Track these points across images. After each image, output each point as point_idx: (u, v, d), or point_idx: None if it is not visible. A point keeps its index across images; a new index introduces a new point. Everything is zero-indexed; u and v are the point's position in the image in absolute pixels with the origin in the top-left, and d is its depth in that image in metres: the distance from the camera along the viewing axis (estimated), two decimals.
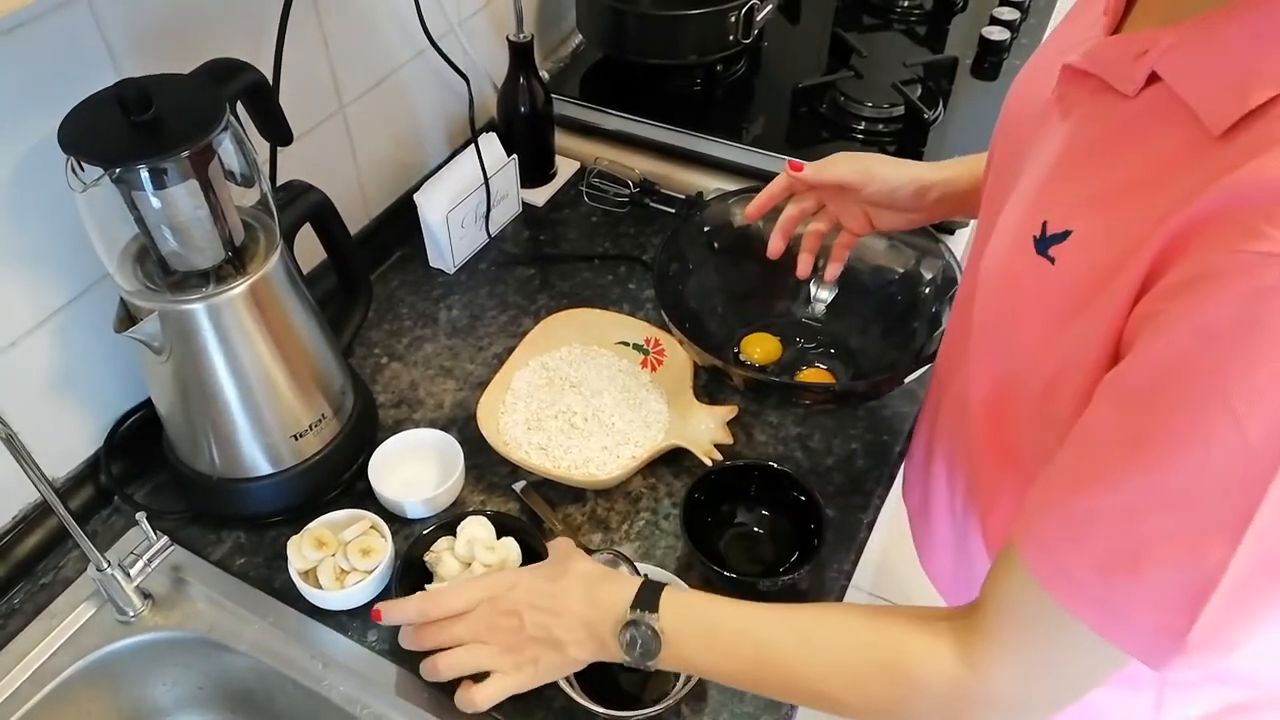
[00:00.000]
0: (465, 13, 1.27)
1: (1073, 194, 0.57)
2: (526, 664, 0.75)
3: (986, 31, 1.47)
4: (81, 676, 0.86)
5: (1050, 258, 0.57)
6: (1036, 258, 0.58)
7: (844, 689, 0.65)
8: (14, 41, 0.76)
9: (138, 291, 0.82)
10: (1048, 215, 0.57)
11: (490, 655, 0.75)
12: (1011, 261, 0.61)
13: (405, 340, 1.15)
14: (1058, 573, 0.54)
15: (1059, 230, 0.56)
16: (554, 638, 0.73)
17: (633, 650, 0.71)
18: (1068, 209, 0.57)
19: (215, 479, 0.92)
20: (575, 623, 0.73)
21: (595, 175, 1.33)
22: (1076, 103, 0.59)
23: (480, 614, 0.76)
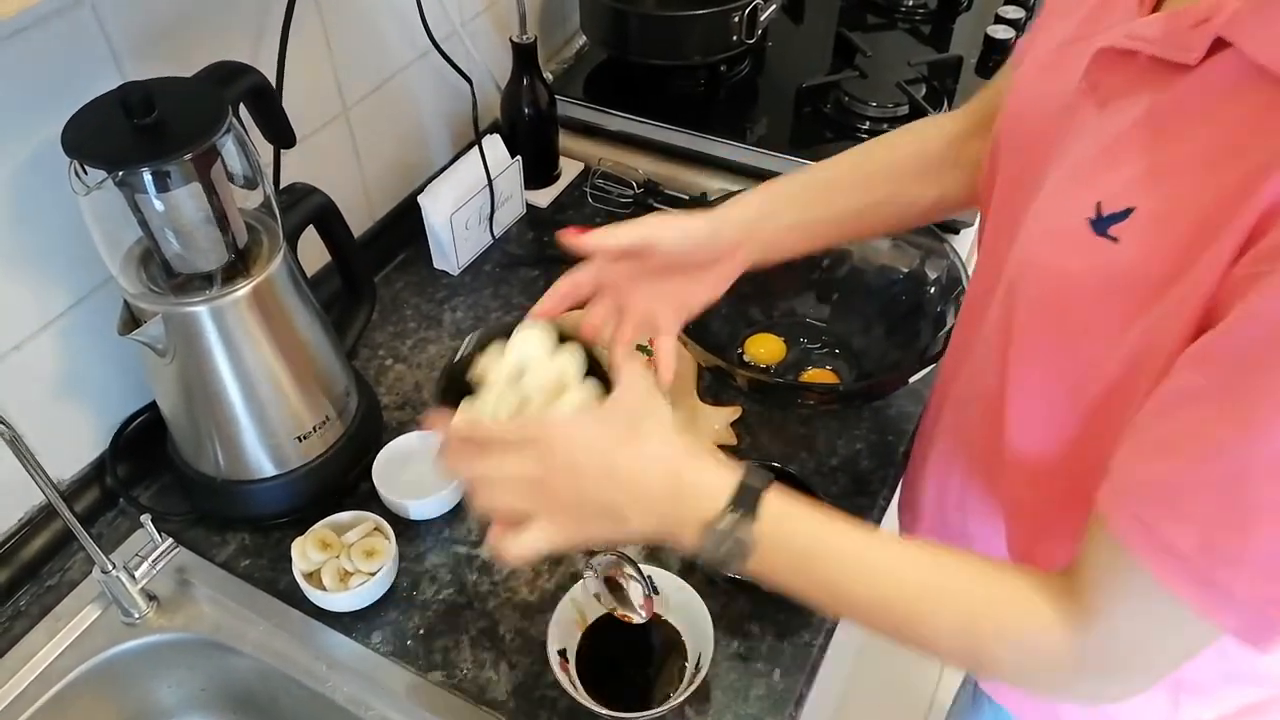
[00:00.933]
0: (468, 14, 1.27)
1: (1129, 172, 0.55)
2: (573, 525, 0.65)
3: (991, 30, 1.47)
4: (87, 678, 0.86)
5: (1112, 237, 0.55)
6: (1095, 239, 0.55)
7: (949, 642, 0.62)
8: (18, 45, 0.76)
9: (141, 294, 0.82)
10: (1101, 196, 0.55)
11: (537, 505, 0.64)
12: (1061, 250, 0.58)
13: (409, 342, 1.15)
14: (1157, 546, 0.52)
15: (1118, 209, 0.54)
16: (618, 512, 0.64)
17: (714, 553, 0.63)
18: (1125, 188, 0.55)
19: (220, 481, 0.92)
20: (648, 503, 0.64)
21: (599, 176, 1.33)
22: (1118, 86, 0.57)
23: (532, 455, 0.64)
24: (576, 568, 0.91)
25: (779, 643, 0.87)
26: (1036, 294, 0.62)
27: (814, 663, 0.86)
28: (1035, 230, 0.62)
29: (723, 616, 0.88)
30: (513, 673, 0.85)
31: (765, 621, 0.88)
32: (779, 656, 0.86)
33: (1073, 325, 0.59)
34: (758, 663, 0.85)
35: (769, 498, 0.63)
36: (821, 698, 1.06)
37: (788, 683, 0.84)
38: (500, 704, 0.83)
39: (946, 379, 0.85)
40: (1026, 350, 0.64)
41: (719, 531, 0.62)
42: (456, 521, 0.96)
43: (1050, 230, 0.60)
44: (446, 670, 0.85)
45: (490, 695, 0.83)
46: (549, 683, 0.83)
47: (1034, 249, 0.62)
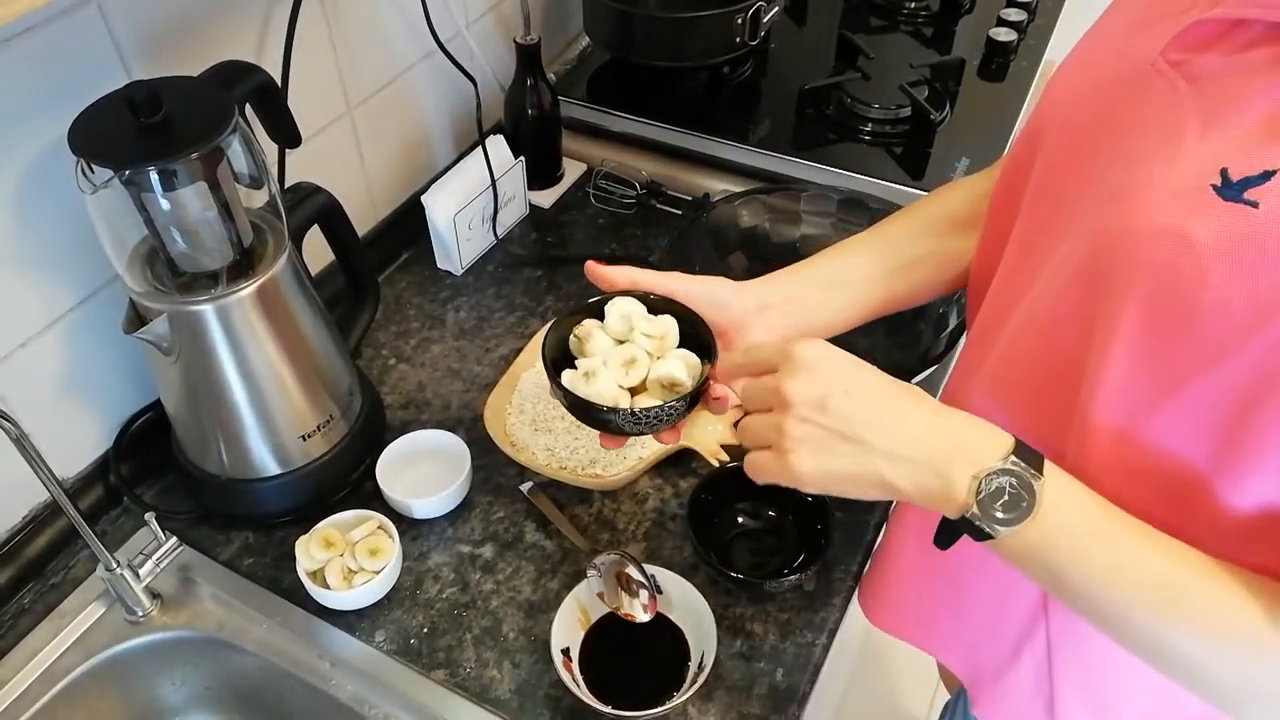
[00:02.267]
0: (473, 15, 1.27)
1: (1257, 137, 0.51)
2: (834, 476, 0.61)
3: (994, 33, 1.47)
4: (91, 676, 0.86)
5: (1250, 201, 0.50)
6: (1226, 205, 0.51)
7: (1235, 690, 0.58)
8: (25, 44, 0.76)
9: (147, 293, 0.82)
10: (1225, 163, 0.51)
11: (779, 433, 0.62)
12: (1180, 217, 0.52)
13: (413, 341, 1.15)
14: None
15: (1253, 173, 0.50)
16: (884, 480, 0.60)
17: (990, 504, 0.57)
18: (1258, 153, 0.51)
19: (224, 479, 0.93)
20: (905, 441, 0.59)
21: (602, 177, 1.33)
22: (1209, 64, 0.55)
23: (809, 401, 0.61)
24: (580, 567, 0.92)
25: (781, 642, 0.87)
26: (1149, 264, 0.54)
27: (816, 662, 0.86)
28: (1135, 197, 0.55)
29: (725, 616, 0.88)
30: (516, 671, 0.85)
31: (768, 621, 0.88)
32: (781, 655, 0.86)
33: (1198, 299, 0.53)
34: (760, 662, 0.86)
35: (1050, 464, 0.58)
36: (824, 697, 1.06)
37: (790, 682, 0.84)
38: (503, 703, 0.83)
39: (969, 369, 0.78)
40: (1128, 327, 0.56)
41: (1005, 474, 0.57)
42: (460, 520, 0.97)
43: (1160, 198, 0.54)
44: (450, 669, 0.85)
45: (493, 694, 0.84)
46: (552, 681, 0.84)
47: (1141, 219, 0.55)
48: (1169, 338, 0.55)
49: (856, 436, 0.60)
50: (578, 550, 0.93)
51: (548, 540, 0.95)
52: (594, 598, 0.86)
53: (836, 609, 0.90)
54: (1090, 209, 0.60)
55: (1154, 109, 0.57)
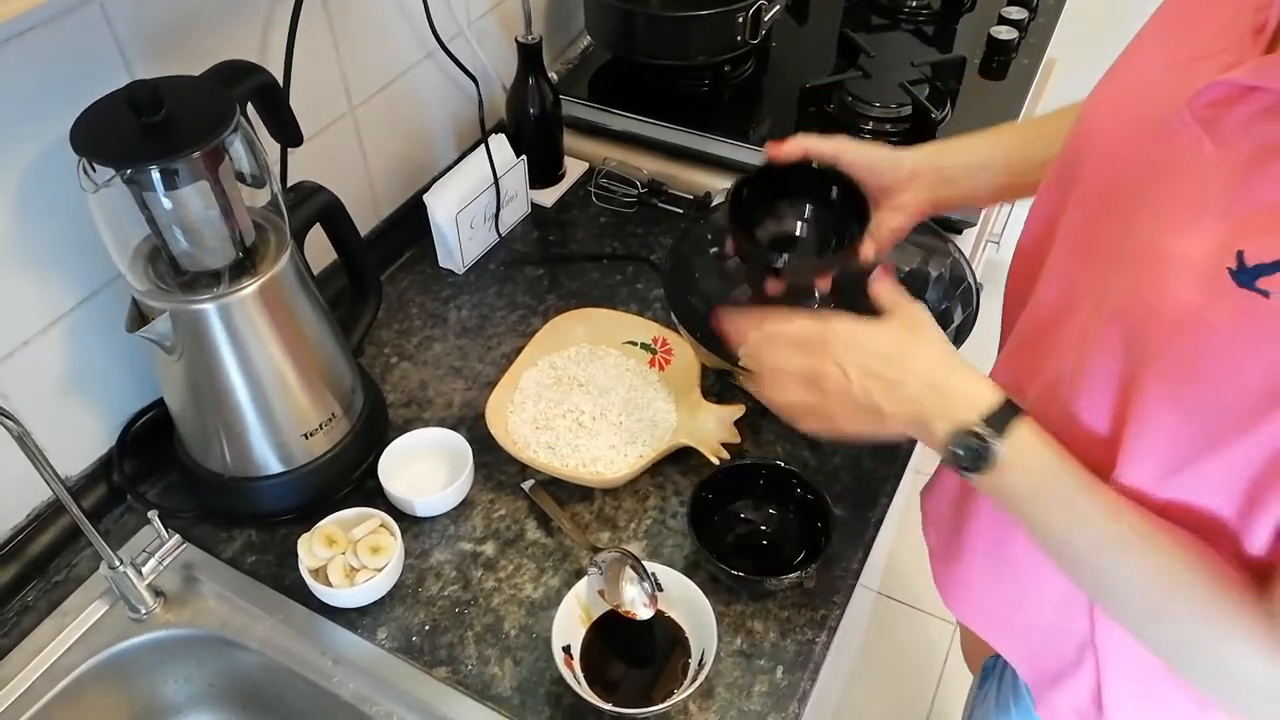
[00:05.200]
0: (474, 14, 1.27)
1: (1271, 218, 0.52)
2: (842, 419, 0.73)
3: (995, 31, 1.47)
4: (94, 673, 0.87)
5: (1262, 290, 0.51)
6: (1239, 292, 0.52)
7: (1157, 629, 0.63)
8: (27, 43, 0.76)
9: (149, 291, 0.82)
10: (1243, 245, 0.52)
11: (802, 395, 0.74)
12: (1196, 296, 0.54)
13: (415, 340, 1.15)
14: None
15: (1266, 260, 0.51)
16: (878, 408, 0.71)
17: (957, 460, 0.67)
18: (1269, 235, 0.51)
19: (226, 477, 0.93)
20: (908, 397, 0.70)
21: (604, 176, 1.34)
22: (1234, 124, 0.54)
23: (814, 353, 0.74)
24: (581, 564, 0.92)
25: (782, 640, 0.87)
26: (1170, 339, 0.57)
27: (817, 660, 0.86)
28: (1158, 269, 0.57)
29: (726, 613, 0.88)
30: (517, 669, 0.85)
31: (768, 619, 0.88)
32: (782, 653, 0.86)
33: (1217, 377, 0.55)
34: (761, 659, 0.86)
35: (1024, 420, 0.66)
36: (824, 695, 1.06)
37: (791, 679, 0.84)
38: (505, 700, 0.83)
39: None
40: (1153, 404, 0.60)
41: (971, 435, 0.66)
42: (462, 518, 0.97)
43: (1184, 276, 0.56)
44: (451, 666, 0.86)
45: (495, 691, 0.84)
46: (553, 679, 0.84)
47: (1168, 295, 0.57)
48: (1188, 414, 0.58)
49: (876, 408, 0.71)
50: (579, 548, 0.93)
51: (549, 538, 0.95)
52: (595, 595, 0.86)
53: (837, 606, 0.90)
54: (1117, 269, 0.62)
55: (1181, 166, 0.57)
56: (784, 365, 0.75)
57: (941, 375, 0.70)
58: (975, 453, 0.66)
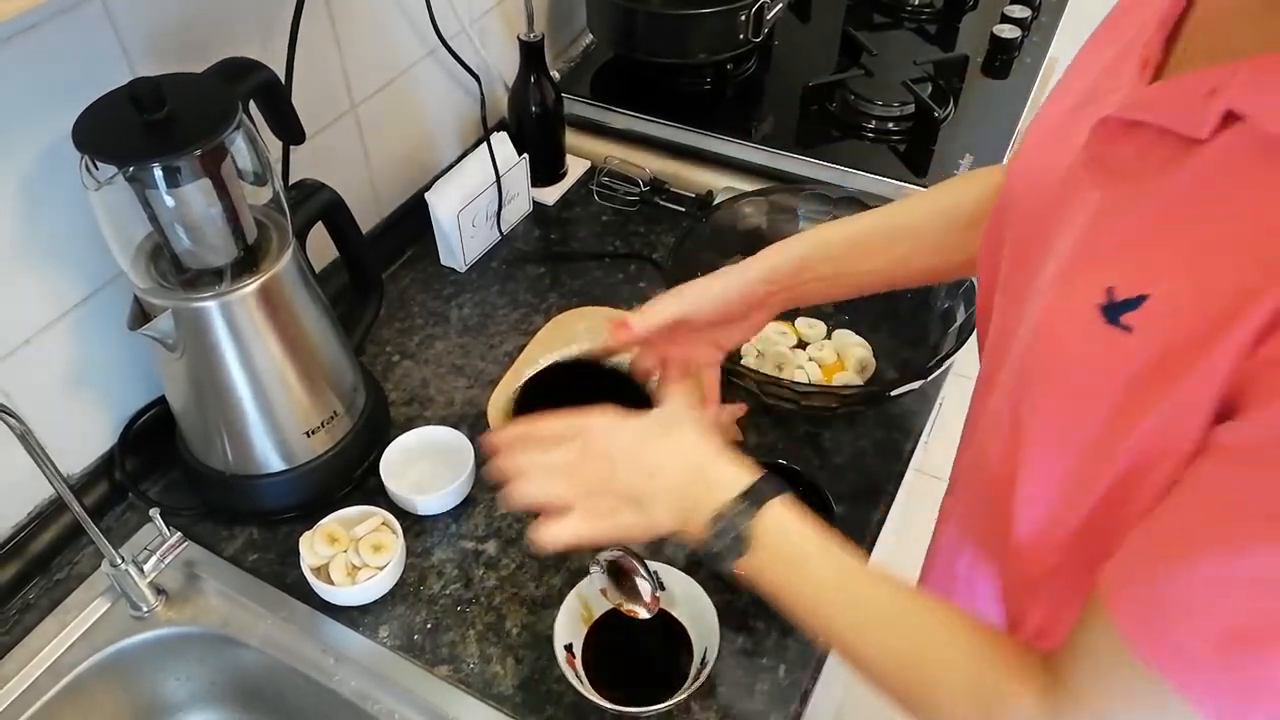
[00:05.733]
0: (476, 12, 1.27)
1: (1141, 255, 0.51)
2: (607, 514, 0.69)
3: (998, 30, 1.47)
4: (96, 671, 0.87)
5: (1125, 326, 0.51)
6: (1106, 328, 0.52)
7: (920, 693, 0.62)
8: (29, 41, 0.76)
9: (151, 289, 0.82)
10: (1112, 281, 0.51)
11: (570, 491, 0.70)
12: (1073, 339, 0.55)
13: (416, 338, 1.15)
14: (1165, 646, 0.48)
15: (1131, 296, 0.50)
16: (643, 498, 0.69)
17: (716, 543, 0.66)
18: (1139, 272, 0.51)
19: (228, 475, 0.93)
20: (671, 488, 0.68)
21: (605, 174, 1.33)
22: (1125, 159, 0.53)
23: (572, 449, 0.71)
24: (583, 563, 0.92)
25: (784, 638, 0.87)
26: (1048, 381, 0.59)
27: (819, 658, 0.86)
28: (1043, 312, 0.59)
29: (728, 612, 0.88)
30: (519, 667, 0.85)
31: (770, 617, 0.88)
32: (784, 652, 0.86)
33: (1086, 415, 0.55)
34: (763, 658, 0.86)
35: (776, 503, 0.66)
36: (826, 693, 1.06)
37: (793, 678, 0.84)
38: (506, 698, 0.83)
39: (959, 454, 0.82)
40: (1038, 435, 0.60)
41: (723, 521, 0.66)
42: (463, 517, 0.97)
43: (1059, 314, 0.57)
44: (453, 664, 0.86)
45: (496, 689, 0.84)
46: (555, 677, 0.84)
47: (1043, 333, 0.59)
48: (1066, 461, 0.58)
49: (636, 499, 0.69)
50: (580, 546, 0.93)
51: None
52: (597, 594, 0.86)
53: None
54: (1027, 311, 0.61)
55: (1075, 208, 0.57)
56: (539, 461, 0.72)
57: (702, 465, 0.69)
58: (732, 536, 0.66)
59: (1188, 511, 0.49)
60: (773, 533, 0.66)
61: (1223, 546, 0.46)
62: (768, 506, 0.66)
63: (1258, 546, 0.45)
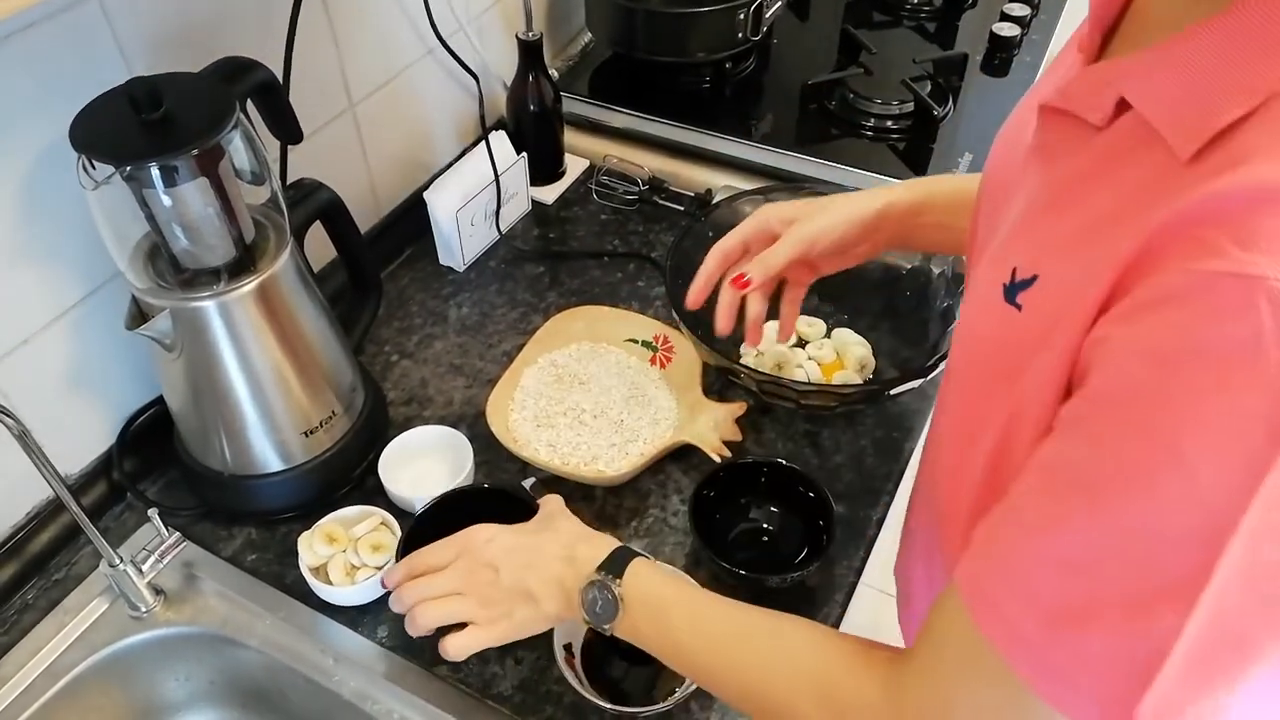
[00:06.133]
0: (474, 11, 1.27)
1: (1041, 237, 0.53)
2: (501, 617, 0.75)
3: (997, 28, 1.47)
4: (94, 671, 0.87)
5: (1018, 305, 0.53)
6: (1005, 307, 0.54)
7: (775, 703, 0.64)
8: (26, 40, 0.76)
9: (149, 289, 0.82)
10: (1017, 262, 0.54)
11: (466, 606, 0.75)
12: (981, 314, 0.58)
13: (415, 338, 1.15)
14: (999, 622, 0.49)
15: (1027, 276, 0.53)
16: (528, 591, 0.74)
17: (591, 611, 0.72)
18: (1036, 253, 0.53)
19: (227, 475, 0.93)
20: (549, 576, 0.74)
21: (604, 173, 1.33)
22: (1053, 145, 0.55)
23: (459, 566, 0.77)
24: None
25: None
26: (958, 358, 0.62)
27: None
28: (968, 293, 0.62)
29: None
30: (518, 668, 0.85)
31: None
32: None
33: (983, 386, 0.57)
34: None
35: (637, 562, 0.72)
36: None
37: None
38: (506, 699, 0.83)
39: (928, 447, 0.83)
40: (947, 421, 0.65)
41: (593, 586, 0.72)
42: None
43: (978, 296, 0.59)
44: (452, 665, 0.85)
45: (496, 690, 0.84)
46: (554, 678, 0.84)
47: (963, 313, 0.62)
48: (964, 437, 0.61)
49: (524, 593, 0.74)
50: None
51: None
52: None
53: (839, 605, 0.89)
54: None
55: (1017, 194, 0.59)
56: (433, 586, 0.77)
57: (570, 549, 0.75)
58: (603, 599, 0.71)
59: (1022, 488, 0.50)
60: (634, 590, 0.71)
61: (1043, 522, 0.47)
62: (629, 568, 0.72)
63: (1068, 522, 0.46)
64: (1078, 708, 0.47)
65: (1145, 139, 0.46)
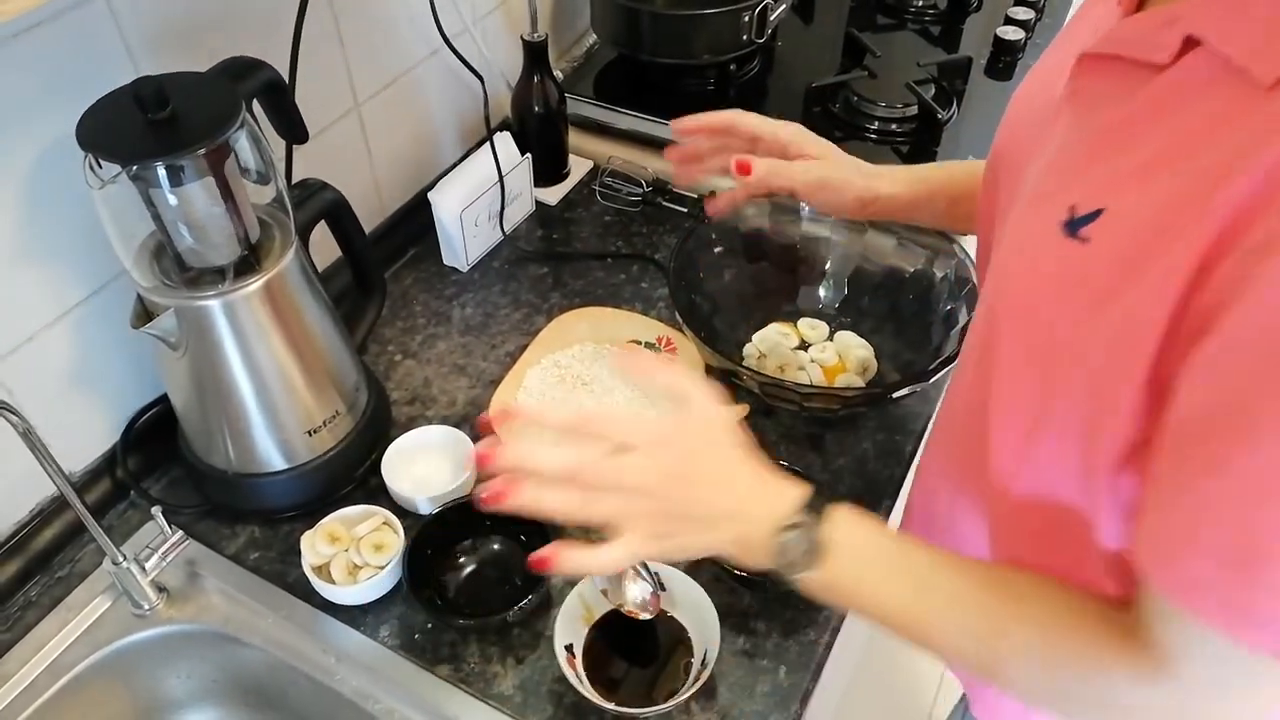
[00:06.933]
0: (480, 12, 1.27)
1: (1101, 173, 0.54)
2: (668, 534, 0.66)
3: (1001, 31, 1.47)
4: (97, 669, 0.87)
5: (1083, 238, 0.54)
6: (1066, 241, 0.55)
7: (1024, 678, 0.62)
8: (33, 39, 0.76)
9: (154, 288, 0.82)
10: (1075, 199, 0.55)
11: (636, 516, 0.65)
12: (1037, 253, 0.58)
13: (419, 338, 1.15)
14: (1182, 579, 0.50)
15: (1090, 210, 0.54)
16: (710, 518, 0.66)
17: (783, 556, 0.64)
18: (1097, 189, 0.54)
19: (230, 474, 0.93)
20: (735, 507, 0.66)
21: (608, 174, 1.33)
22: (1096, 91, 0.57)
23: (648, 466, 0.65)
24: None
25: (785, 640, 0.87)
26: (1013, 304, 0.61)
27: (819, 660, 0.86)
28: (1011, 237, 0.62)
29: (729, 613, 0.88)
30: (519, 667, 0.85)
31: (771, 619, 0.88)
32: (785, 653, 0.86)
33: (1044, 332, 0.58)
34: (763, 659, 0.86)
35: (840, 507, 0.66)
36: (826, 695, 1.06)
37: (793, 680, 0.84)
38: (507, 698, 0.83)
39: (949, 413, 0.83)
40: (1006, 362, 0.62)
41: (792, 528, 0.64)
42: None
43: (1026, 237, 0.60)
44: (454, 664, 0.86)
45: (497, 689, 0.84)
46: (555, 677, 0.84)
47: (1011, 258, 0.61)
48: (1033, 374, 0.60)
49: (704, 519, 0.66)
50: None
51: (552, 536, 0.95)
52: (598, 594, 0.86)
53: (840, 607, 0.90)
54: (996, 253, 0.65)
55: (1052, 142, 0.60)
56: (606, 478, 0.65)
57: (761, 477, 0.68)
58: (803, 545, 0.64)
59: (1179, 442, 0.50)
60: (845, 537, 0.65)
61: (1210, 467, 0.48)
62: (832, 511, 0.65)
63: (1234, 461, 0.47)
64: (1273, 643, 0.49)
65: (1216, 71, 0.49)
